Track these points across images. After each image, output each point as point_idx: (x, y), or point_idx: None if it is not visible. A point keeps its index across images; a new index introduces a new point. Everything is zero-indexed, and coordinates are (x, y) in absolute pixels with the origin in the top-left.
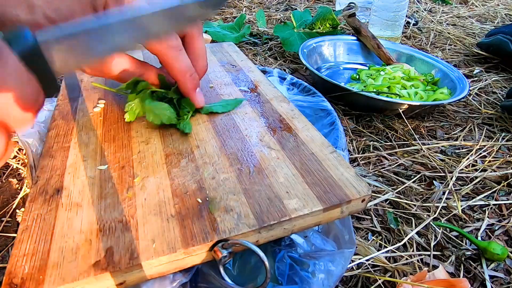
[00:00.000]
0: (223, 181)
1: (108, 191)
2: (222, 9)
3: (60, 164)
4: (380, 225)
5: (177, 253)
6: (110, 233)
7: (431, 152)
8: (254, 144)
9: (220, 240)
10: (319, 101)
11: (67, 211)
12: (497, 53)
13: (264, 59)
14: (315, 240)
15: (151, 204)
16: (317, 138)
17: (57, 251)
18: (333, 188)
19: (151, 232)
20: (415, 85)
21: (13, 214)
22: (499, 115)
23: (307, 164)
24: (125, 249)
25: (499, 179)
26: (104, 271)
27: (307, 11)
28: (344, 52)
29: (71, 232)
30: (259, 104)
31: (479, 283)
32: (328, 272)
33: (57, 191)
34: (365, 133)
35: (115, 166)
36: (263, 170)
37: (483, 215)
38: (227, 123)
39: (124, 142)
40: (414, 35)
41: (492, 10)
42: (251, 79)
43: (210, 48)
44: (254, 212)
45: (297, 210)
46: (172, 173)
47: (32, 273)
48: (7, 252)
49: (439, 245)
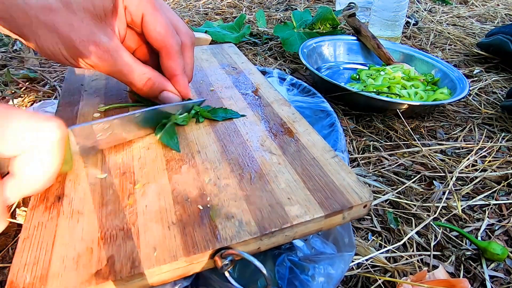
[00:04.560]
0: (224, 187)
1: (109, 198)
2: (222, 10)
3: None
4: (380, 225)
5: (178, 261)
6: (111, 241)
7: (431, 152)
8: (255, 149)
9: (222, 248)
10: (318, 102)
11: (68, 219)
12: (497, 53)
13: (264, 59)
14: (315, 244)
15: (152, 211)
16: (319, 143)
17: (59, 260)
18: (335, 194)
19: (152, 240)
20: (415, 85)
21: (13, 214)
22: (499, 115)
23: (308, 169)
24: (126, 257)
25: (499, 179)
26: (105, 280)
27: (307, 11)
28: (344, 52)
29: (72, 240)
30: (260, 107)
31: (479, 283)
32: (328, 276)
33: (58, 199)
34: (365, 133)
35: (116, 172)
36: (264, 175)
37: (483, 215)
38: (228, 128)
39: (125, 148)
40: (414, 35)
41: (492, 10)
42: (251, 82)
43: (211, 50)
44: (256, 219)
45: (298, 217)
46: (173, 179)
47: (34, 282)
48: (7, 252)
49: (439, 245)
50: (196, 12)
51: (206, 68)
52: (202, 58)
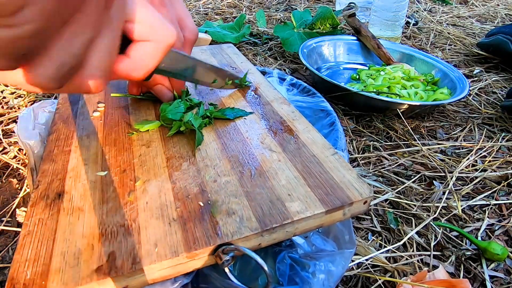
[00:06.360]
0: (225, 184)
1: (109, 195)
2: (222, 10)
3: (61, 168)
4: (380, 225)
5: (179, 257)
6: (112, 237)
7: (431, 152)
8: (255, 147)
9: (223, 244)
10: (318, 101)
11: (69, 216)
12: (497, 53)
13: (264, 59)
14: (316, 241)
15: (153, 208)
16: (318, 140)
17: (59, 256)
18: (335, 190)
19: (153, 236)
20: (415, 85)
21: (13, 214)
22: (499, 115)
23: (308, 166)
24: (127, 253)
25: (499, 179)
26: (106, 276)
27: (307, 11)
28: (344, 52)
29: (73, 236)
30: (259, 106)
31: (479, 283)
32: (328, 273)
33: (58, 196)
34: (365, 133)
35: (116, 169)
36: (264, 172)
37: (483, 215)
38: (227, 126)
39: (125, 146)
40: (414, 35)
41: (492, 10)
42: (251, 81)
43: (210, 50)
44: (256, 215)
45: (299, 213)
46: (174, 176)
47: (34, 278)
48: (7, 252)
49: (439, 245)
50: (196, 12)
51: None
52: (202, 58)
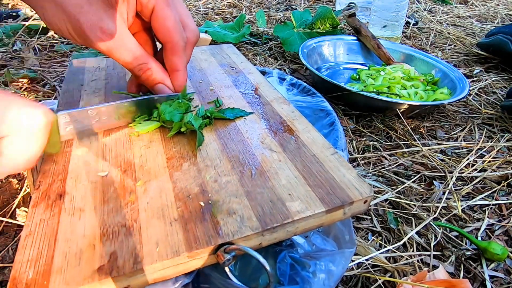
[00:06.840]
0: (225, 184)
1: (110, 195)
2: (222, 10)
3: (62, 169)
4: (380, 225)
5: (180, 256)
6: (113, 237)
7: (431, 152)
8: (255, 147)
9: (224, 243)
10: (318, 101)
11: (70, 216)
12: (497, 53)
13: (264, 59)
14: (316, 240)
15: (154, 208)
16: (318, 140)
17: (61, 256)
18: (335, 189)
19: (155, 236)
20: (415, 85)
21: (13, 214)
22: (499, 115)
23: (308, 166)
24: (129, 253)
25: (499, 179)
26: (108, 275)
27: (307, 11)
28: (344, 52)
29: (74, 237)
30: (259, 106)
31: (479, 283)
32: (329, 272)
33: (59, 196)
34: (365, 133)
35: (117, 170)
36: (265, 172)
37: (483, 215)
38: (228, 126)
39: (126, 146)
40: (414, 35)
41: (492, 10)
42: (251, 81)
43: (210, 50)
44: (257, 214)
45: (299, 212)
46: (174, 176)
47: (36, 278)
48: (7, 252)
49: (439, 245)
50: (196, 12)
51: (206, 68)
52: (201, 58)
